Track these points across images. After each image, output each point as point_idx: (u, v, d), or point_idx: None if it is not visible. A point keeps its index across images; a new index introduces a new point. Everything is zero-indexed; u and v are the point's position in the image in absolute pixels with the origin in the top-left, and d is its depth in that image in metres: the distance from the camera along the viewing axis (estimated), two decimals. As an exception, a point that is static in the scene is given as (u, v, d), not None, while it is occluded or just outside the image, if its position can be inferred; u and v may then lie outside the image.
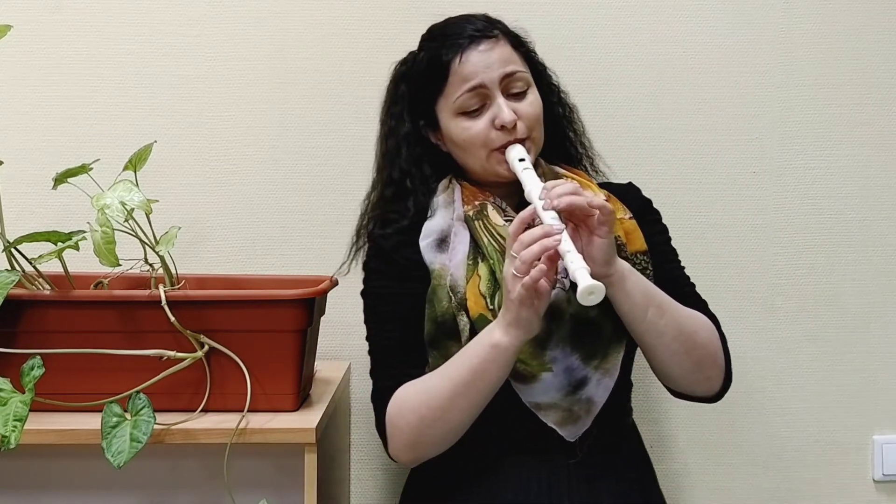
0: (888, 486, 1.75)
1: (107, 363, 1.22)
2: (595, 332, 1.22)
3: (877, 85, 1.72)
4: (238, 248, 1.69)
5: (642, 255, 1.27)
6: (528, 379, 1.20)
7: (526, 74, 1.28)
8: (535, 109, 1.27)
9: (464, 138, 1.27)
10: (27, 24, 1.61)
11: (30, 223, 1.45)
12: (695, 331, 1.22)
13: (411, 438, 1.20)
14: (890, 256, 1.74)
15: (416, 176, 1.33)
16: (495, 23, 1.31)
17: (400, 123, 1.34)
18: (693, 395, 1.29)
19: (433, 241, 1.27)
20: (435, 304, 1.23)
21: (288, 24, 1.68)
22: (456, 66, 1.25)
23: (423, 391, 1.19)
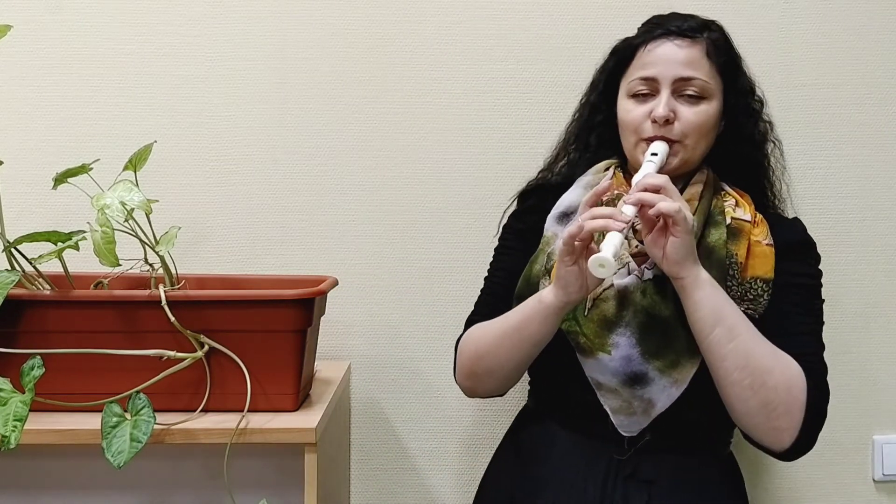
0: (888, 486, 1.75)
1: (107, 363, 1.23)
2: (665, 333, 1.22)
3: (877, 85, 1.72)
4: (238, 248, 1.69)
5: (763, 282, 1.25)
6: (586, 353, 1.24)
7: (707, 84, 1.27)
8: (700, 119, 1.27)
9: (623, 119, 1.31)
10: (27, 24, 1.62)
11: (30, 223, 1.45)
12: (768, 369, 1.16)
13: (467, 367, 1.32)
14: (890, 256, 1.74)
15: (581, 141, 1.41)
16: (707, 26, 1.31)
17: (593, 91, 1.40)
18: (759, 443, 1.22)
19: (559, 212, 1.34)
20: (533, 264, 1.31)
21: (288, 24, 1.68)
22: (642, 52, 1.30)
23: (485, 328, 1.30)
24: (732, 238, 1.26)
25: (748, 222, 1.28)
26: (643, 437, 1.24)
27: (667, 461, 1.25)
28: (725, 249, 1.24)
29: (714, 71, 1.29)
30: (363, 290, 1.68)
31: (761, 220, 1.30)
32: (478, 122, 1.69)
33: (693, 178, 1.31)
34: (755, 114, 1.37)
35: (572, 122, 1.44)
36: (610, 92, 1.36)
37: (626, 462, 1.24)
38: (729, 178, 1.36)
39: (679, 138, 1.27)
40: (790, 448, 1.19)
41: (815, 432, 1.20)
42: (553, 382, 1.33)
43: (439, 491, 1.71)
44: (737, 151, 1.35)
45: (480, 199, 1.67)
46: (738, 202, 1.31)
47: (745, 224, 1.27)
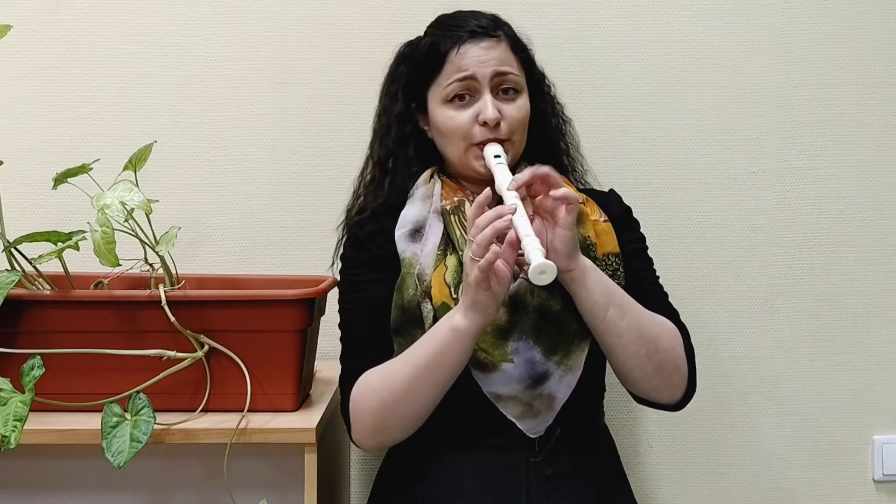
0: (888, 486, 1.75)
1: (107, 363, 1.22)
2: (558, 327, 1.22)
3: (877, 85, 1.72)
4: (238, 248, 1.69)
5: (614, 256, 1.28)
6: (488, 368, 1.21)
7: (519, 78, 1.30)
8: (521, 114, 1.29)
9: (447, 127, 1.29)
10: (27, 24, 1.61)
11: (30, 223, 1.45)
12: (657, 335, 1.22)
13: (373, 422, 1.21)
14: (890, 256, 1.74)
15: (399, 157, 1.36)
16: (501, 24, 1.32)
17: (394, 103, 1.37)
18: (655, 401, 1.28)
19: (407, 231, 1.29)
20: (403, 291, 1.25)
21: (288, 24, 1.68)
22: (452, 57, 1.28)
23: (385, 375, 1.21)
24: (577, 223, 1.23)
25: (581, 204, 1.27)
26: (554, 432, 1.23)
27: (576, 449, 1.25)
28: (580, 234, 1.25)
29: (519, 65, 1.31)
30: (363, 290, 1.68)
31: (587, 199, 1.32)
32: (478, 122, 1.69)
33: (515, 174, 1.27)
34: (552, 99, 1.40)
35: (379, 140, 1.38)
36: (409, 100, 1.35)
37: (541, 462, 1.23)
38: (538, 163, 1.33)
39: (507, 136, 1.27)
40: (682, 397, 1.26)
41: (695, 374, 1.26)
42: (446, 407, 1.21)
43: (439, 491, 1.71)
44: (541, 136, 1.37)
45: (480, 199, 1.67)
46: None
47: (580, 206, 1.26)
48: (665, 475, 1.74)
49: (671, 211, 1.70)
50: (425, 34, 1.36)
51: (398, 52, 1.39)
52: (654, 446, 1.73)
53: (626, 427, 1.72)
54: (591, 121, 1.50)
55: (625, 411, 1.70)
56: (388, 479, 1.34)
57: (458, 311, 1.16)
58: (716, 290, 1.72)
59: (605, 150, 1.59)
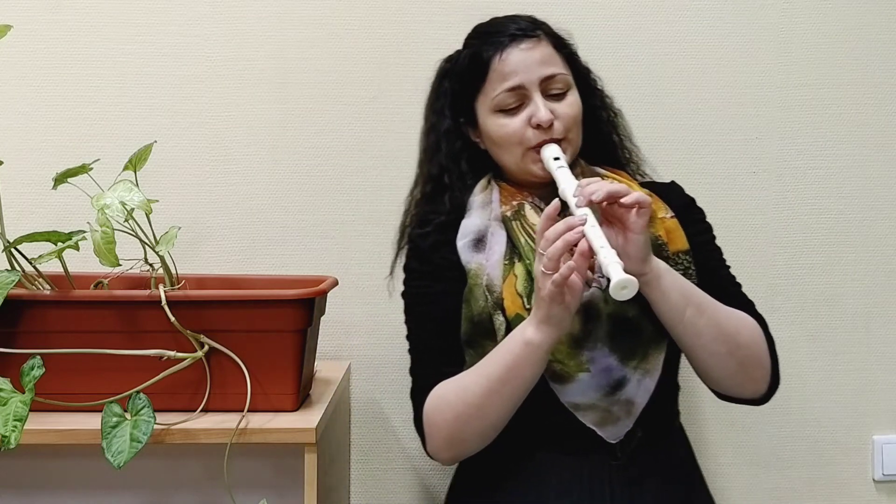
0: (888, 486, 1.75)
1: (107, 363, 1.22)
2: (634, 332, 1.21)
3: (877, 85, 1.72)
4: (238, 248, 1.69)
5: (684, 254, 1.26)
6: (564, 379, 1.20)
7: (566, 76, 1.29)
8: (574, 111, 1.27)
9: (500, 135, 1.28)
10: (27, 24, 1.61)
11: (30, 223, 1.45)
12: (737, 331, 1.20)
13: (449, 435, 1.21)
14: (890, 256, 1.74)
15: (453, 172, 1.35)
16: (539, 24, 1.32)
17: (441, 119, 1.36)
18: (739, 397, 1.26)
19: (470, 241, 1.28)
20: (472, 303, 1.24)
21: (288, 24, 1.68)
22: (496, 64, 1.27)
23: (460, 388, 1.20)
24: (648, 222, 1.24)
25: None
26: (635, 436, 1.23)
27: (658, 451, 1.25)
28: (650, 234, 1.22)
29: (564, 62, 1.30)
30: (363, 290, 1.68)
31: (651, 195, 1.28)
32: (478, 122, 1.69)
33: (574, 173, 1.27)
34: (600, 91, 1.39)
35: (430, 157, 1.38)
36: (458, 115, 1.34)
37: (623, 465, 1.23)
38: (596, 160, 1.35)
39: (563, 135, 1.26)
40: (767, 391, 1.26)
41: (778, 367, 1.26)
42: (525, 417, 1.21)
43: (439, 491, 1.71)
44: (595, 132, 1.35)
45: (480, 199, 1.67)
46: (624, 183, 1.27)
47: None
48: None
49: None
50: (464, 46, 1.35)
51: (439, 69, 1.39)
52: (654, 446, 1.73)
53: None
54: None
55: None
56: (464, 490, 1.34)
57: (531, 324, 1.14)
58: (716, 290, 1.72)
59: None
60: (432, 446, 1.23)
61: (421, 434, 1.25)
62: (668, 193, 1.34)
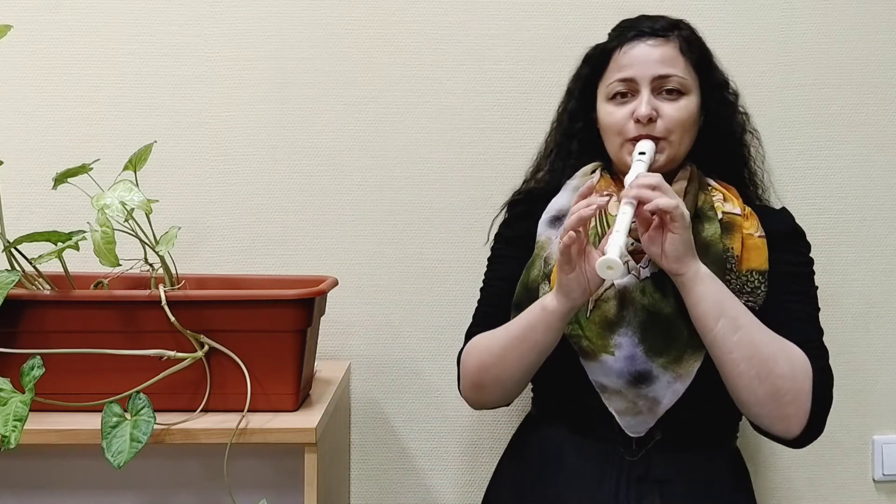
0: (888, 486, 1.75)
1: (107, 363, 1.22)
2: (667, 330, 1.22)
3: (877, 85, 1.72)
4: (238, 248, 1.69)
5: (758, 273, 1.25)
6: (589, 356, 1.24)
7: (684, 80, 1.29)
8: (681, 115, 1.28)
9: (606, 122, 1.32)
10: (27, 24, 1.62)
11: (30, 223, 1.45)
12: (774, 358, 1.17)
13: (473, 379, 1.31)
14: (890, 256, 1.74)
15: (563, 149, 1.42)
16: (676, 25, 1.33)
17: (570, 99, 1.42)
18: (769, 431, 1.21)
19: (551, 216, 1.34)
20: (530, 270, 1.31)
21: (288, 24, 1.68)
22: (617, 55, 1.32)
23: (488, 339, 1.30)
24: (726, 232, 1.26)
25: (739, 215, 1.28)
26: (653, 436, 1.24)
27: (677, 459, 1.25)
28: (721, 244, 1.25)
29: (689, 67, 1.30)
30: (363, 290, 1.68)
31: (750, 213, 1.31)
32: (478, 122, 1.69)
33: (677, 175, 1.31)
34: (732, 106, 1.39)
35: (551, 132, 1.46)
36: (587, 99, 1.37)
37: (637, 462, 1.24)
38: (713, 172, 1.36)
39: (664, 135, 1.27)
40: (800, 435, 1.19)
41: (824, 417, 1.20)
42: (557, 389, 1.32)
43: (439, 491, 1.71)
44: (718, 145, 1.36)
45: (480, 199, 1.67)
46: (726, 196, 1.31)
47: (736, 217, 1.28)
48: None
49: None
50: (607, 37, 1.38)
51: (585, 54, 1.41)
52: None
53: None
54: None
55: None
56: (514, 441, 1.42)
57: (552, 292, 1.21)
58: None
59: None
60: (463, 387, 1.34)
61: (458, 373, 1.34)
62: (771, 216, 1.33)
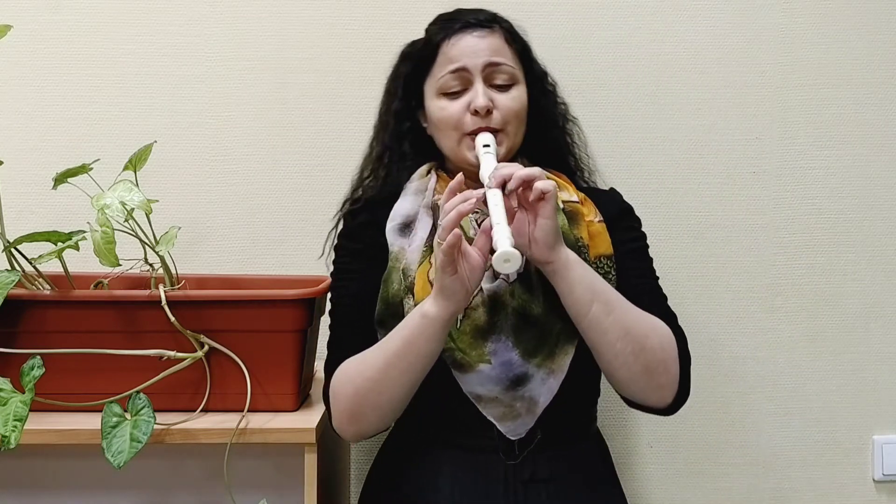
0: (888, 486, 1.75)
1: (107, 363, 1.23)
2: (540, 329, 1.20)
3: (877, 85, 1.72)
4: (238, 248, 1.69)
5: (606, 258, 1.26)
6: (465, 368, 1.20)
7: (513, 70, 1.29)
8: (516, 105, 1.28)
9: (439, 118, 1.29)
10: (27, 24, 1.61)
11: (30, 223, 1.45)
12: (645, 334, 1.18)
13: (349, 409, 1.21)
14: (890, 256, 1.74)
15: (395, 152, 1.36)
16: (499, 19, 1.33)
17: (393, 99, 1.38)
18: (644, 403, 1.24)
19: (398, 224, 1.29)
20: (388, 285, 1.25)
21: (288, 24, 1.68)
22: (445, 47, 1.29)
23: (361, 362, 1.20)
24: (571, 222, 1.25)
25: (577, 202, 1.28)
26: (534, 436, 1.22)
27: (559, 455, 1.24)
28: (572, 234, 1.24)
29: (515, 57, 1.31)
30: (363, 290, 1.68)
31: (585, 199, 1.31)
32: (478, 122, 1.69)
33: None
34: (553, 96, 1.40)
35: (376, 136, 1.41)
36: (409, 97, 1.35)
37: (520, 465, 1.22)
38: (541, 162, 1.33)
39: (501, 126, 1.27)
40: (672, 402, 1.22)
41: (689, 379, 1.22)
42: (428, 405, 1.23)
43: (439, 491, 1.71)
44: (544, 135, 1.36)
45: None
46: (560, 185, 1.30)
47: (576, 206, 1.27)
48: (665, 475, 1.74)
49: (671, 211, 1.70)
50: (425, 32, 1.37)
51: (401, 52, 1.40)
52: (654, 447, 1.73)
53: (625, 427, 1.71)
54: (591, 121, 1.50)
55: (624, 411, 1.69)
56: (376, 473, 1.36)
57: (430, 298, 1.15)
58: (716, 290, 1.72)
59: (604, 151, 1.58)
60: (336, 420, 1.23)
61: (328, 408, 1.24)
62: (603, 200, 1.34)
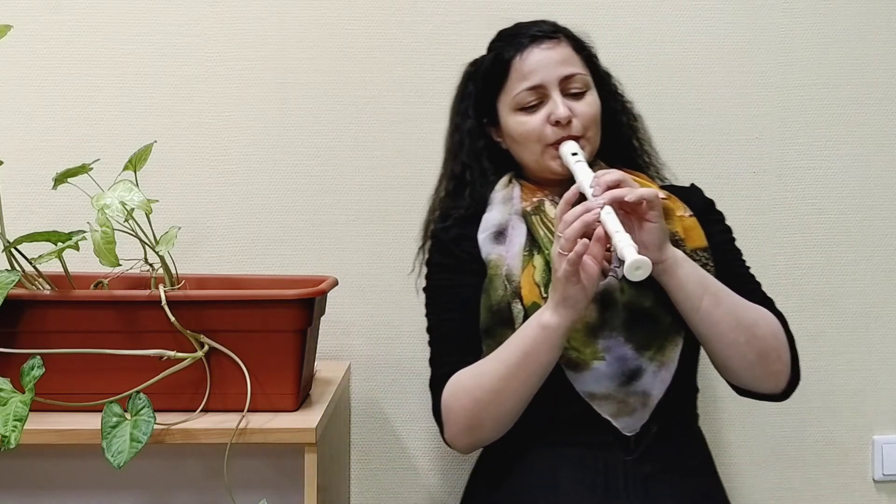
0: (888, 486, 1.75)
1: (107, 363, 1.22)
2: (650, 322, 1.22)
3: (877, 85, 1.72)
4: (238, 248, 1.69)
5: (703, 251, 1.28)
6: (579, 367, 1.21)
7: (585, 77, 1.32)
8: (592, 110, 1.31)
9: (520, 133, 1.31)
10: (27, 24, 1.62)
11: (30, 223, 1.45)
12: (755, 322, 1.22)
13: (466, 422, 1.23)
14: (890, 256, 1.74)
15: (475, 169, 1.39)
16: (560, 28, 1.36)
17: (465, 119, 1.40)
18: (758, 391, 1.27)
19: (491, 233, 1.31)
20: (491, 292, 1.27)
21: (288, 24, 1.68)
22: (516, 63, 1.31)
23: (477, 374, 1.22)
24: (665, 219, 1.24)
25: (665, 199, 1.29)
26: (650, 430, 1.23)
27: (673, 447, 1.25)
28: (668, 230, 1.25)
29: (584, 64, 1.33)
30: (363, 290, 1.68)
31: (670, 195, 1.32)
32: (478, 122, 1.69)
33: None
34: (620, 96, 1.42)
35: (453, 156, 1.42)
36: (481, 115, 1.38)
37: (638, 460, 1.23)
38: (616, 163, 1.35)
39: (581, 133, 1.29)
40: (787, 386, 1.26)
41: (798, 365, 1.26)
42: (540, 406, 1.23)
43: (439, 491, 1.71)
44: (616, 135, 1.38)
45: (480, 199, 1.67)
46: (643, 184, 1.30)
47: (665, 202, 1.28)
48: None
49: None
50: (488, 50, 1.39)
51: (464, 72, 1.42)
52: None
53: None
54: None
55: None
56: (482, 477, 1.36)
57: (548, 308, 1.17)
58: (716, 290, 1.72)
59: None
60: (450, 434, 1.25)
61: (439, 423, 1.27)
62: (687, 195, 1.37)
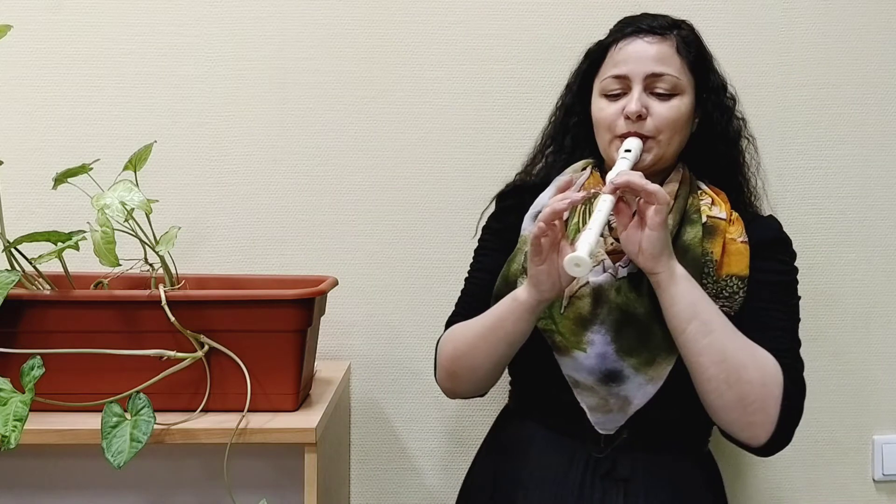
0: (888, 486, 1.75)
1: (107, 363, 1.23)
2: (642, 331, 1.21)
3: (877, 85, 1.72)
4: (238, 248, 1.69)
5: (738, 279, 1.24)
6: (562, 351, 1.25)
7: (677, 80, 1.27)
8: (672, 114, 1.26)
9: (597, 118, 1.32)
10: (27, 24, 1.62)
11: (30, 223, 1.45)
12: (743, 365, 1.15)
13: (447, 367, 1.31)
14: (890, 256, 1.74)
15: (557, 143, 1.42)
16: (677, 25, 1.31)
17: (567, 94, 1.42)
18: (736, 437, 1.19)
19: (535, 212, 1.33)
20: (511, 264, 1.31)
21: (288, 24, 1.68)
22: (613, 51, 1.31)
23: (464, 328, 1.30)
24: (708, 236, 1.25)
25: (724, 220, 1.28)
26: (620, 434, 1.25)
27: (643, 459, 1.25)
28: (701, 248, 1.24)
29: (685, 67, 1.29)
30: (363, 290, 1.68)
31: (737, 218, 1.30)
32: (478, 122, 1.69)
33: (669, 176, 1.30)
34: (728, 111, 1.37)
35: (548, 125, 1.45)
36: (584, 93, 1.37)
37: (603, 460, 1.25)
38: (705, 176, 1.35)
39: (652, 134, 1.26)
40: (766, 443, 1.17)
41: (791, 428, 1.19)
42: (532, 382, 1.34)
43: (439, 491, 1.71)
44: (711, 149, 1.35)
45: (480, 199, 1.66)
46: (715, 200, 1.30)
47: (720, 222, 1.27)
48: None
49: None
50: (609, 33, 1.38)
51: (587, 50, 1.40)
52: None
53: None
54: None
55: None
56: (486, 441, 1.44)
57: (525, 285, 1.21)
58: (716, 290, 1.72)
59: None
60: (438, 374, 1.34)
61: (434, 360, 1.35)
62: (757, 224, 1.32)
